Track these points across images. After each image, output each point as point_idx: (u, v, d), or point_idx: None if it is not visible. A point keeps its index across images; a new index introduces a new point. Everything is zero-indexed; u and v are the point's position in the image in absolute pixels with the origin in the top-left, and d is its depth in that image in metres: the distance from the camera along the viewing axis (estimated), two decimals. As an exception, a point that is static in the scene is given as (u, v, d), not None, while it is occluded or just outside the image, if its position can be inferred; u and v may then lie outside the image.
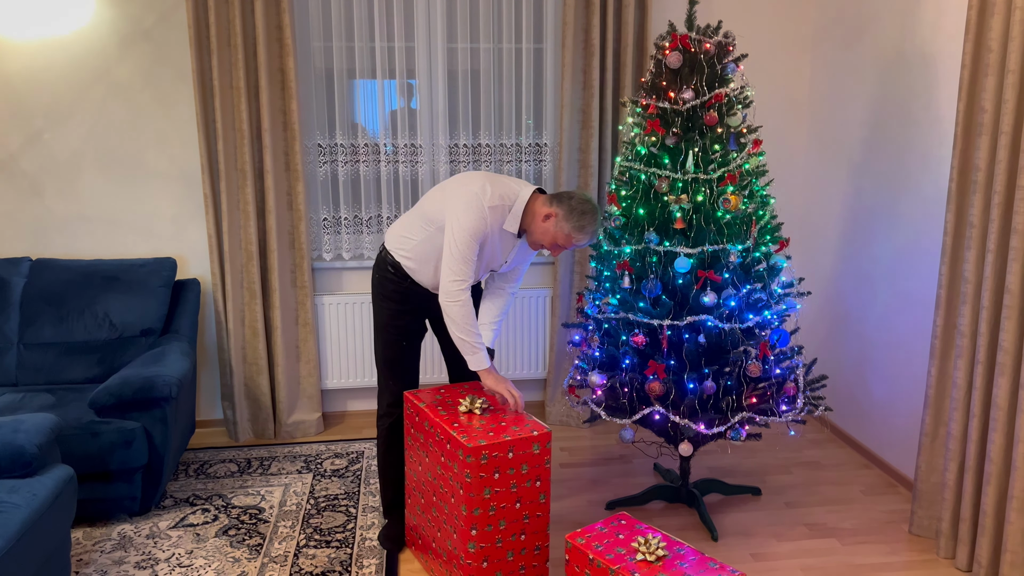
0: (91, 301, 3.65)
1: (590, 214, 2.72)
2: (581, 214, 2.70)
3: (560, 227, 2.72)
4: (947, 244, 2.88)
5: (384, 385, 3.01)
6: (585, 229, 2.72)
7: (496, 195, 2.72)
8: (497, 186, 2.74)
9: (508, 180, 2.80)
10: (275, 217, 3.86)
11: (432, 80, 3.99)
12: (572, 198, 2.73)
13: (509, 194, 2.76)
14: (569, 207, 2.71)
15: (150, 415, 3.19)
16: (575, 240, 2.74)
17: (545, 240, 2.77)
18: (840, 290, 4.02)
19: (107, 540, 3.11)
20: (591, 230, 2.73)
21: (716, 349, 2.95)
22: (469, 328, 2.72)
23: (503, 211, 2.74)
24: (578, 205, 2.71)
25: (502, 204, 2.74)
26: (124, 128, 3.84)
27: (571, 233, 2.72)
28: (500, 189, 2.74)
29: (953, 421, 2.87)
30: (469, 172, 2.86)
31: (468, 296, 2.70)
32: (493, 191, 2.71)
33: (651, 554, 2.32)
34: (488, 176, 2.78)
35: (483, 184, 2.72)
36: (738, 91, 2.97)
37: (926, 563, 2.95)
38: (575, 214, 2.70)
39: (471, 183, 2.73)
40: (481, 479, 2.51)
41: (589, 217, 2.72)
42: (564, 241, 2.75)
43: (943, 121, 3.21)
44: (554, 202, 2.74)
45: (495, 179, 2.77)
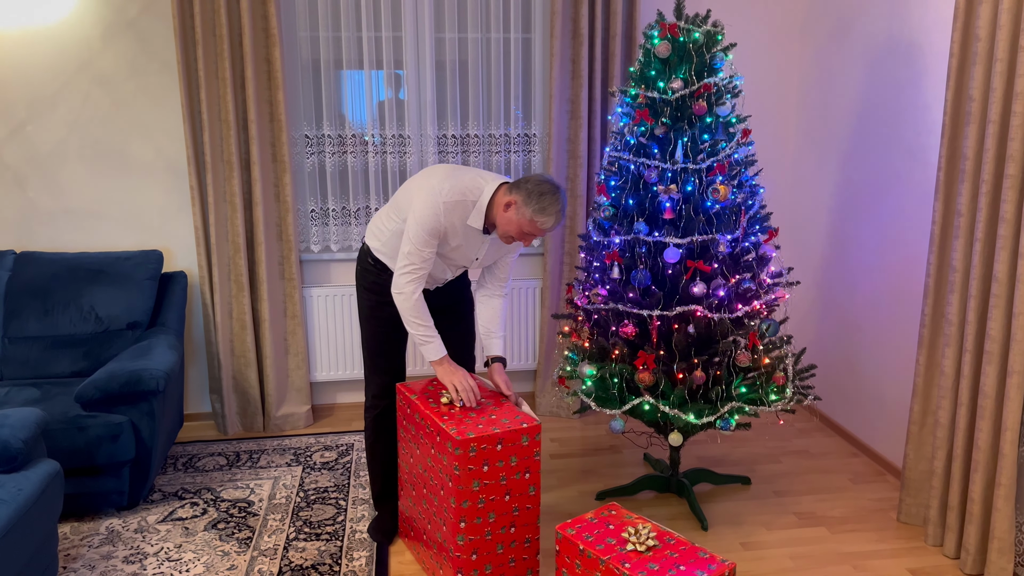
0: (77, 294, 3.61)
1: (549, 194, 2.58)
2: (540, 195, 2.57)
3: (522, 214, 2.59)
4: (935, 233, 2.88)
5: (369, 376, 3.01)
6: (547, 211, 2.58)
7: (456, 190, 2.64)
8: (459, 180, 2.67)
9: (474, 174, 2.72)
10: (262, 209, 3.83)
11: (420, 70, 3.97)
12: (528, 181, 2.60)
13: (472, 188, 2.67)
14: (527, 191, 2.58)
15: (137, 409, 3.17)
16: (540, 224, 2.60)
17: (511, 230, 2.65)
18: (828, 279, 4.03)
19: (95, 535, 3.09)
20: (554, 211, 2.59)
21: (705, 339, 2.95)
22: (416, 321, 2.69)
23: (465, 207, 2.67)
24: (535, 187, 2.58)
25: (463, 200, 2.66)
26: (108, 119, 3.80)
27: (533, 218, 2.58)
28: (463, 184, 2.67)
29: (941, 409, 2.88)
30: (436, 165, 2.80)
31: (414, 289, 2.66)
32: (453, 186, 2.64)
33: (641, 544, 2.33)
34: (453, 170, 2.72)
35: (443, 178, 2.66)
36: (727, 80, 2.97)
37: (914, 550, 2.97)
38: (534, 197, 2.57)
39: (432, 177, 2.69)
40: (470, 471, 2.50)
41: (549, 198, 2.58)
42: (530, 228, 2.61)
43: (931, 110, 3.21)
44: (512, 190, 2.63)
45: (459, 173, 2.71)
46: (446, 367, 2.74)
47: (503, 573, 2.65)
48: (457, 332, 2.99)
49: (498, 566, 2.64)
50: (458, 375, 2.71)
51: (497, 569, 2.64)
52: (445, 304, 2.96)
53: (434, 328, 2.75)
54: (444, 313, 2.95)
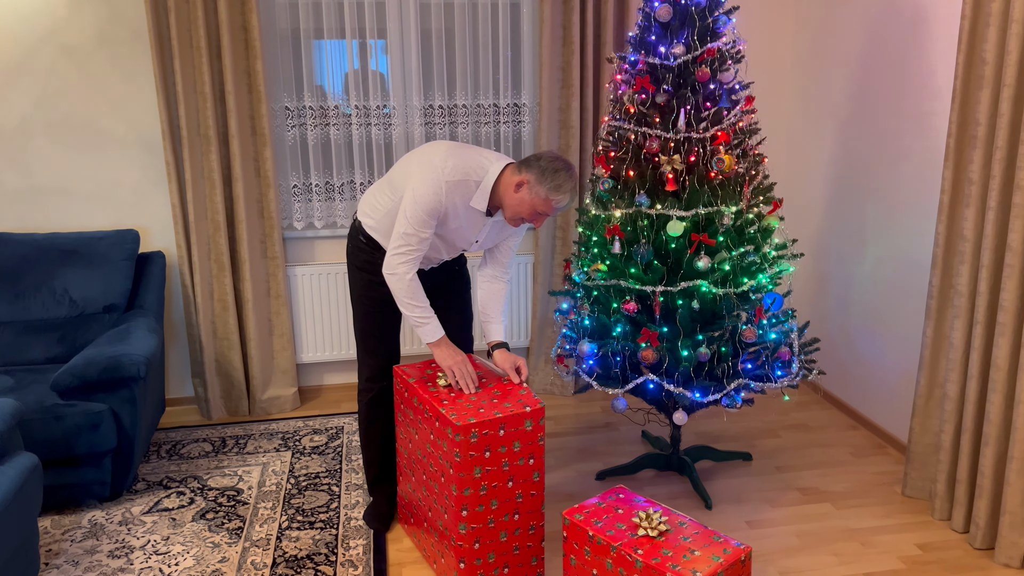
0: (48, 277, 3.45)
1: (564, 171, 2.49)
2: (554, 173, 2.47)
3: (536, 192, 2.50)
4: (944, 202, 2.81)
5: (362, 358, 2.89)
6: (562, 188, 2.48)
7: (459, 169, 2.52)
8: (463, 159, 2.55)
9: (477, 153, 2.61)
10: (242, 185, 3.67)
11: (404, 38, 3.80)
12: (540, 159, 2.51)
13: (476, 169, 2.55)
14: (540, 169, 2.48)
15: (118, 396, 3.02)
16: (555, 203, 2.51)
17: (523, 211, 2.55)
18: (826, 250, 3.95)
19: (77, 528, 2.96)
20: (569, 188, 2.50)
21: (710, 315, 2.86)
22: (410, 302, 2.57)
23: (468, 187, 2.55)
24: (549, 165, 2.48)
25: (466, 179, 2.54)
26: (76, 92, 3.60)
27: (548, 196, 2.48)
28: (466, 163, 2.54)
29: (950, 382, 2.82)
30: (438, 141, 2.66)
31: (408, 270, 2.54)
32: (456, 165, 2.52)
33: (653, 529, 2.25)
34: (456, 147, 2.59)
35: (446, 156, 2.54)
36: (730, 45, 2.85)
37: (921, 525, 2.93)
38: (548, 174, 2.47)
39: (434, 154, 2.55)
40: (471, 458, 2.40)
41: (564, 175, 2.48)
42: (543, 207, 2.53)
43: (936, 75, 3.12)
44: (523, 168, 2.52)
45: (463, 151, 2.58)
46: (444, 350, 2.62)
47: (507, 561, 2.57)
48: (453, 311, 2.88)
49: (502, 554, 2.55)
50: (456, 359, 2.60)
51: (501, 557, 2.55)
52: (440, 282, 2.84)
53: (430, 309, 2.62)
54: (439, 292, 2.83)
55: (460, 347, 2.95)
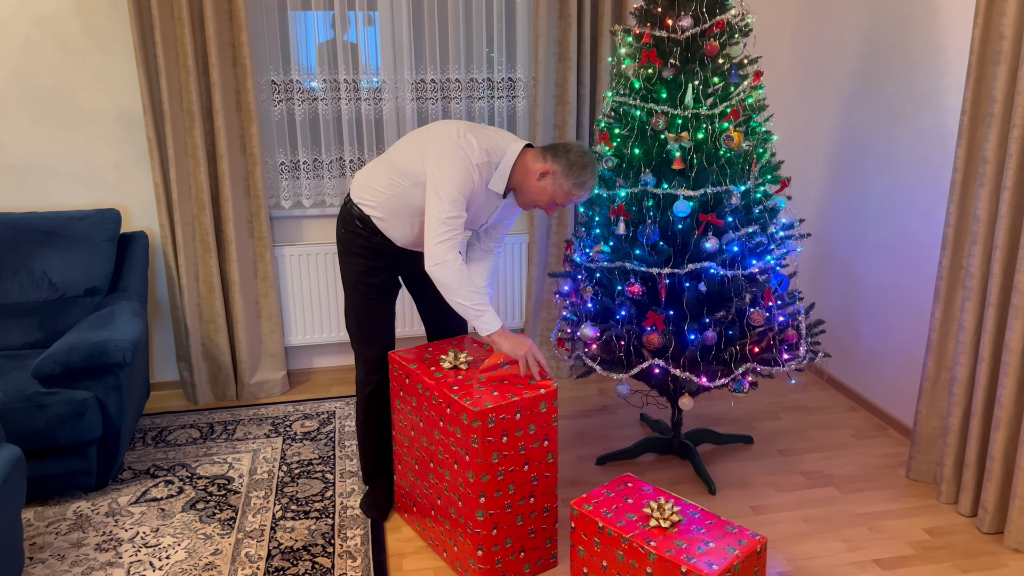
0: (26, 259, 3.30)
1: (590, 167, 2.48)
2: (582, 168, 2.46)
3: (559, 184, 2.46)
4: (956, 181, 2.74)
5: (359, 351, 2.77)
6: (586, 184, 2.49)
7: (483, 151, 2.44)
8: (483, 140, 2.46)
9: (493, 132, 2.52)
10: (227, 162, 3.53)
11: (395, 9, 3.66)
12: (570, 151, 2.46)
13: (496, 150, 2.48)
14: (568, 162, 2.45)
15: (103, 383, 2.91)
16: (575, 197, 2.51)
17: (542, 200, 2.51)
18: (827, 229, 3.89)
19: (62, 520, 2.85)
20: (591, 184, 2.51)
21: (716, 297, 2.79)
22: (467, 291, 2.40)
23: (489, 168, 2.47)
24: (577, 159, 2.46)
25: (488, 161, 2.46)
26: (52, 65, 3.43)
27: (571, 190, 2.48)
28: (486, 143, 2.46)
29: (959, 365, 2.77)
30: (449, 121, 2.55)
31: (456, 256, 2.39)
32: (480, 146, 2.43)
33: (665, 520, 2.19)
34: (472, 127, 2.49)
35: (468, 137, 2.43)
36: (739, 18, 2.75)
37: (927, 508, 2.90)
38: (575, 169, 2.45)
39: (456, 135, 2.44)
40: (489, 443, 2.33)
41: (589, 171, 2.48)
42: (563, 199, 2.51)
43: (946, 50, 3.04)
44: (549, 157, 2.46)
45: (480, 131, 2.49)
46: (510, 339, 2.44)
47: (523, 546, 2.51)
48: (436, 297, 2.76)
49: (518, 538, 2.49)
50: (525, 346, 2.44)
51: (517, 542, 2.49)
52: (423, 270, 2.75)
53: (486, 295, 2.51)
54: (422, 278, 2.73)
55: (455, 332, 2.86)
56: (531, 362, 2.45)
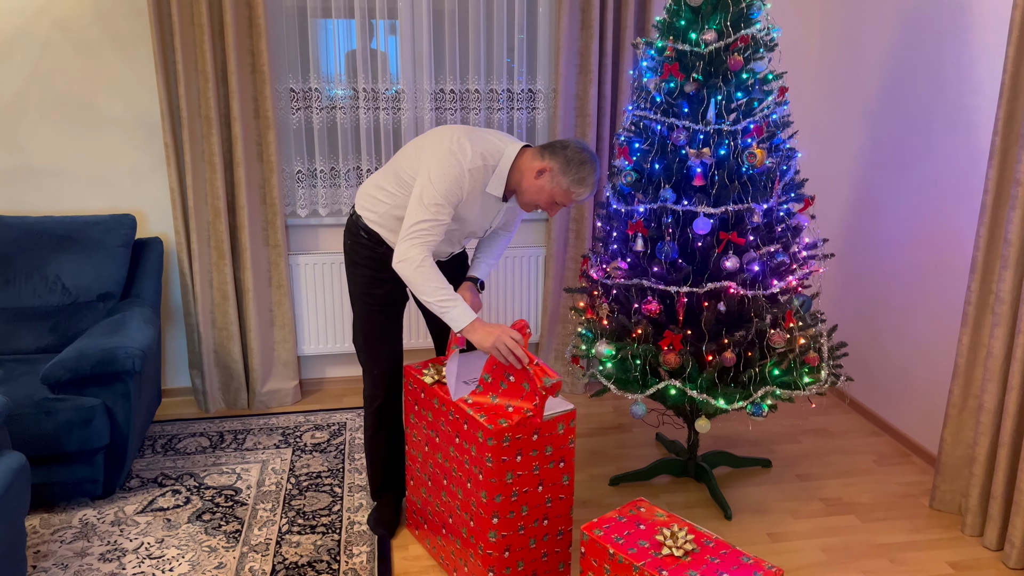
0: (40, 263, 3.29)
1: (589, 163, 2.40)
2: (580, 164, 2.38)
3: (557, 182, 2.39)
4: (987, 203, 2.65)
5: (365, 364, 2.72)
6: (585, 181, 2.40)
7: (478, 154, 2.39)
8: (479, 143, 2.41)
9: (491, 135, 2.48)
10: (244, 169, 3.51)
11: (415, 19, 3.63)
12: (567, 148, 2.39)
13: (492, 153, 2.43)
14: (565, 158, 2.38)
15: (111, 391, 2.88)
16: (575, 195, 2.43)
17: (541, 199, 2.45)
18: (852, 249, 3.80)
19: (67, 528, 2.82)
20: (592, 181, 2.42)
21: (736, 317, 2.71)
22: (431, 287, 2.33)
23: (485, 172, 2.42)
24: (575, 155, 2.38)
25: (484, 165, 2.41)
26: (72, 69, 3.43)
27: (570, 188, 2.40)
28: (482, 147, 2.41)
29: (987, 393, 2.68)
30: (447, 126, 2.52)
31: (420, 254, 2.32)
32: (474, 150, 2.39)
33: (678, 548, 2.11)
34: (468, 131, 2.45)
35: (462, 142, 2.39)
36: (764, 32, 2.69)
37: (952, 541, 2.80)
38: (573, 165, 2.38)
39: (449, 140, 2.40)
40: (503, 463, 2.27)
41: (588, 167, 2.40)
42: (563, 198, 2.44)
43: (978, 67, 2.96)
44: (546, 155, 2.40)
45: (477, 135, 2.45)
46: (480, 331, 2.32)
47: (535, 569, 2.45)
48: None
49: (530, 561, 2.43)
50: (495, 333, 2.31)
51: (529, 565, 2.43)
52: None
53: (453, 290, 2.39)
54: None
55: None
56: (504, 352, 2.30)
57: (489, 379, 2.39)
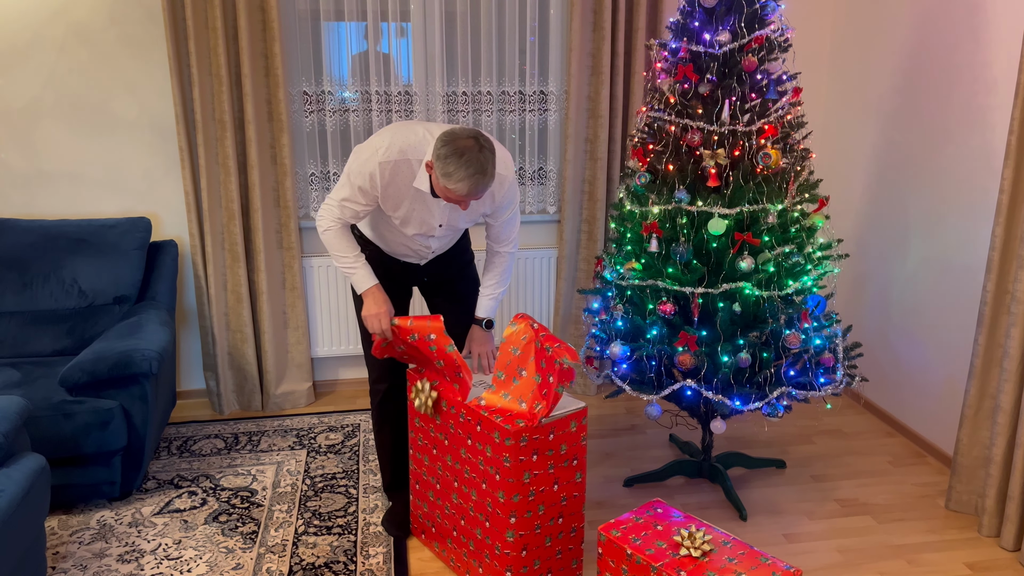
0: (57, 265, 3.31)
1: (454, 157, 2.15)
2: (444, 160, 2.16)
3: (436, 180, 2.24)
4: (1002, 203, 2.64)
5: (368, 358, 2.76)
6: (452, 177, 2.16)
7: (396, 149, 2.33)
8: (403, 137, 2.35)
9: (424, 130, 2.38)
10: (258, 172, 3.52)
11: (427, 21, 3.64)
12: (441, 140, 2.20)
13: (416, 147, 2.34)
14: (436, 153, 2.19)
15: (128, 393, 2.90)
16: (456, 191, 2.19)
17: (448, 196, 2.27)
18: (866, 250, 3.79)
19: (85, 529, 2.84)
20: (462, 176, 2.15)
21: (751, 318, 2.71)
22: (336, 254, 2.53)
23: (409, 167, 2.36)
24: (441, 148, 2.17)
25: (405, 159, 2.34)
26: (87, 73, 3.45)
27: (444, 184, 2.20)
28: (405, 141, 2.34)
29: (1003, 393, 2.67)
30: (398, 122, 2.55)
31: (331, 224, 2.48)
32: (393, 143, 2.33)
33: (696, 549, 2.12)
34: (403, 126, 2.41)
35: (386, 135, 2.37)
36: (779, 33, 2.69)
37: (968, 542, 2.79)
38: (440, 160, 2.18)
39: (379, 133, 2.41)
40: (521, 463, 2.28)
41: (453, 162, 2.15)
42: (449, 195, 2.24)
43: (992, 67, 2.95)
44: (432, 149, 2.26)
45: (409, 128, 2.39)
46: (368, 299, 2.52)
47: (550, 567, 2.45)
48: (456, 313, 2.73)
49: (546, 559, 2.43)
50: (373, 310, 2.51)
51: (545, 563, 2.44)
52: (442, 280, 2.71)
53: (359, 258, 2.54)
54: (440, 290, 2.70)
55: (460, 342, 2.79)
56: (372, 326, 2.50)
57: (502, 376, 2.40)
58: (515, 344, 2.36)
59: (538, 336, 2.33)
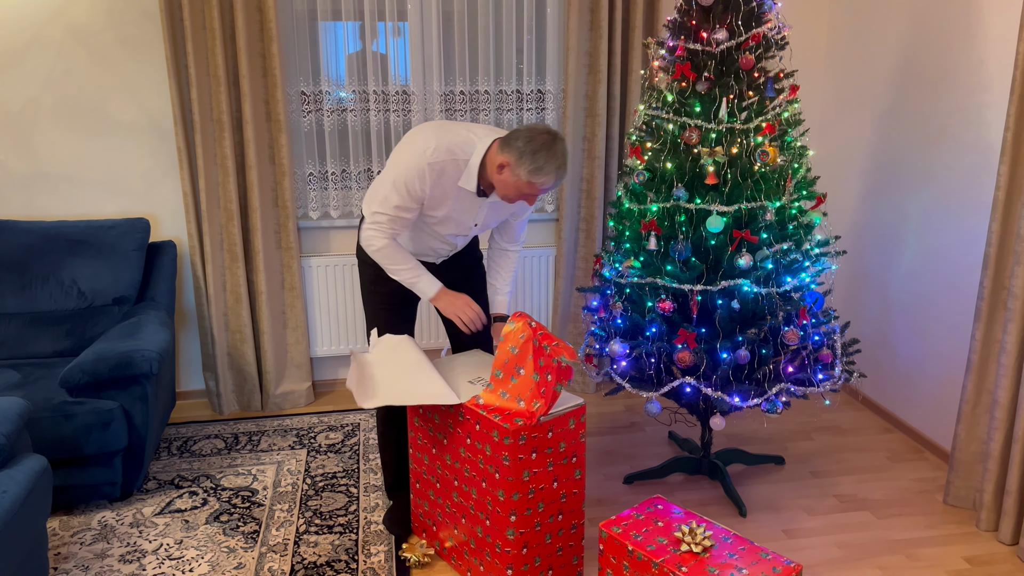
0: (56, 267, 3.32)
1: (544, 151, 2.28)
2: (533, 155, 2.28)
3: (517, 175, 2.31)
4: (999, 199, 2.66)
5: None
6: (544, 170, 2.29)
7: (443, 149, 2.38)
8: (448, 137, 2.40)
9: (466, 130, 2.45)
10: (256, 172, 3.53)
11: (425, 21, 3.65)
12: (519, 138, 2.31)
13: (463, 146, 2.40)
14: (519, 151, 2.29)
15: (129, 393, 2.90)
16: (539, 184, 2.33)
17: (511, 193, 2.39)
18: (864, 247, 3.81)
19: (87, 530, 2.84)
20: (552, 168, 2.30)
21: (750, 315, 2.73)
22: (393, 267, 2.54)
23: (456, 166, 2.41)
24: (527, 145, 2.29)
25: (452, 159, 2.39)
26: (84, 74, 3.46)
27: (530, 178, 2.30)
28: (451, 141, 2.39)
29: (1000, 388, 2.69)
30: (429, 122, 2.55)
31: (384, 241, 2.50)
32: (440, 144, 2.38)
33: (697, 544, 2.13)
34: (442, 126, 2.45)
35: (430, 136, 2.40)
36: (775, 31, 2.70)
37: (967, 536, 2.80)
38: (526, 157, 2.28)
39: (419, 135, 2.43)
40: (520, 461, 2.29)
41: (544, 155, 2.28)
42: (529, 189, 2.34)
43: (987, 64, 2.97)
44: (504, 148, 2.33)
45: (449, 129, 2.43)
46: (445, 300, 2.58)
47: (551, 563, 2.46)
48: None
49: (546, 556, 2.44)
50: (458, 302, 2.58)
51: (546, 560, 2.45)
52: (451, 280, 2.71)
53: (418, 265, 2.57)
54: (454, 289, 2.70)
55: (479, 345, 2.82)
56: (465, 318, 2.56)
57: (500, 375, 2.41)
58: (513, 343, 2.37)
59: (536, 335, 2.33)
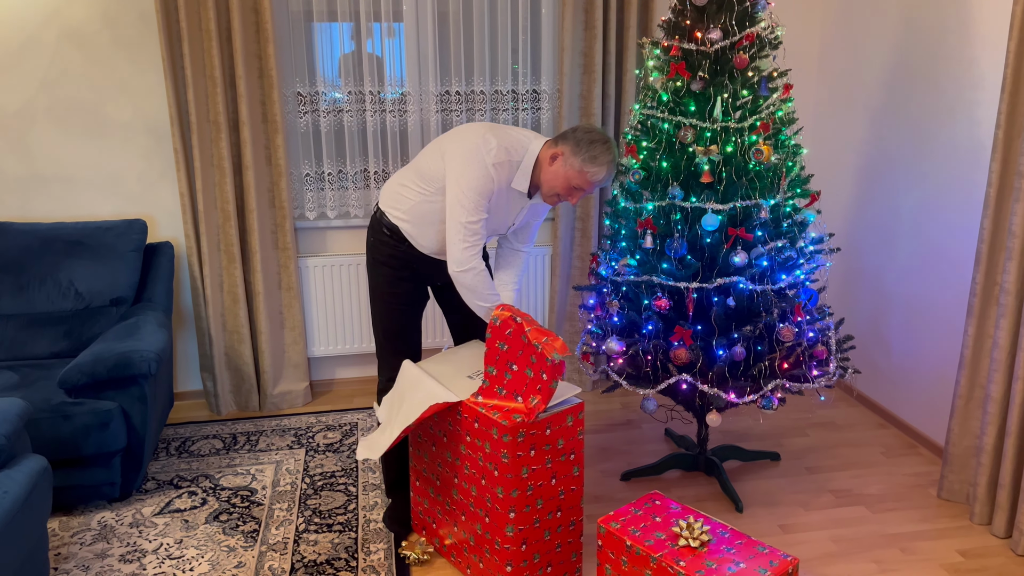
0: (53, 268, 3.32)
1: (600, 143, 2.41)
2: (590, 144, 2.40)
3: (570, 164, 2.41)
4: (990, 195, 2.69)
5: (383, 357, 2.77)
6: (598, 160, 2.40)
7: (502, 149, 2.43)
8: (502, 139, 2.45)
9: (515, 131, 2.52)
10: (253, 173, 3.54)
11: (420, 21, 3.66)
12: (576, 130, 2.45)
13: (517, 147, 2.47)
14: (575, 140, 2.41)
15: (127, 394, 2.91)
16: (591, 176, 2.42)
17: (559, 185, 2.45)
18: (857, 244, 3.84)
19: (86, 530, 2.85)
20: (606, 160, 2.41)
21: (745, 312, 2.75)
22: (487, 294, 2.48)
23: (510, 167, 2.46)
24: (584, 135, 2.41)
25: (508, 160, 2.45)
26: (81, 76, 3.46)
27: (583, 168, 2.40)
28: (506, 142, 2.45)
29: (993, 383, 2.72)
30: (470, 124, 2.55)
31: (479, 261, 2.46)
32: (499, 145, 2.43)
33: (695, 539, 2.15)
34: (492, 128, 2.49)
35: (486, 137, 2.43)
36: (769, 30, 2.72)
37: (960, 530, 2.83)
38: (583, 146, 2.40)
39: (473, 136, 2.44)
40: (519, 458, 2.30)
41: (600, 146, 2.41)
42: (579, 181, 2.43)
43: (979, 62, 3.00)
44: (559, 141, 2.46)
45: (500, 131, 2.48)
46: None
47: (550, 560, 2.48)
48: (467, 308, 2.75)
49: (545, 553, 2.46)
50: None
51: (545, 556, 2.47)
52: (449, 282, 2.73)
53: (500, 295, 2.60)
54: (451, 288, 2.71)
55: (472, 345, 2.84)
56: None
57: (494, 372, 2.42)
58: (500, 339, 2.39)
59: (524, 330, 2.35)
